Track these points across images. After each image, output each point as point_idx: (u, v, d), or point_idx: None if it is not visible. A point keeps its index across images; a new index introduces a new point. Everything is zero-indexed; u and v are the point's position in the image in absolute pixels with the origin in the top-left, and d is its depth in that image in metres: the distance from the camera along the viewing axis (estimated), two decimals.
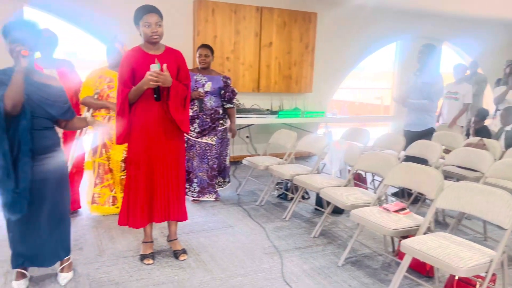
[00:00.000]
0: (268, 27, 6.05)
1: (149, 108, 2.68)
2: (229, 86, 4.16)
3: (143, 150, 2.72)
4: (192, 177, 4.09)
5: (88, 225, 3.53)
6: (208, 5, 5.59)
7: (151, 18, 2.58)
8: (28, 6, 4.91)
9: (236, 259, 2.98)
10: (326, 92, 6.95)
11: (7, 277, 2.61)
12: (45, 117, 2.34)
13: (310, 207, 4.21)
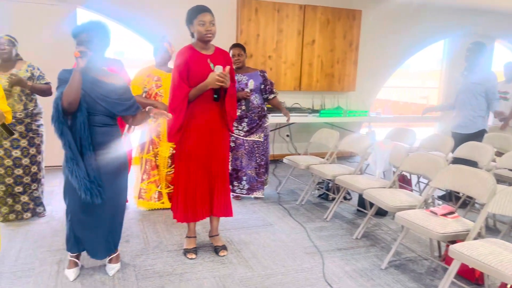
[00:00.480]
0: (311, 25, 6.00)
1: (204, 107, 2.75)
2: (267, 78, 4.18)
3: (196, 148, 2.79)
4: (241, 175, 4.15)
5: (134, 219, 3.66)
6: (251, 4, 5.63)
7: (206, 17, 2.64)
8: (81, 7, 5.14)
9: (277, 258, 2.99)
10: (369, 91, 6.81)
11: (59, 265, 2.75)
12: (104, 114, 2.44)
13: (352, 208, 4.15)
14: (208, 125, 2.78)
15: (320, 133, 4.63)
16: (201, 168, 2.82)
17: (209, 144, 2.81)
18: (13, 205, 3.44)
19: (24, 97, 3.36)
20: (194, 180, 2.82)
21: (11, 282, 2.52)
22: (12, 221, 3.44)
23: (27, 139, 3.39)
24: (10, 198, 3.41)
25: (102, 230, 2.57)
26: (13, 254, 2.89)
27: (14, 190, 3.40)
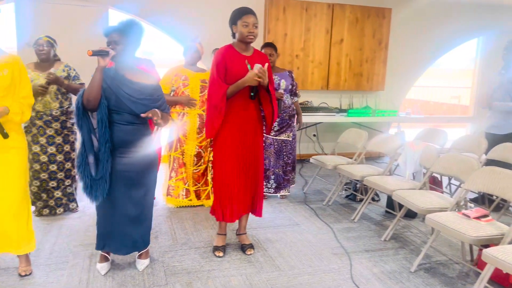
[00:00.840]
0: (339, 23, 5.94)
1: (240, 106, 2.78)
2: (294, 79, 4.20)
3: (232, 147, 2.81)
4: (269, 174, 4.17)
5: (163, 216, 3.72)
6: (279, 3, 5.62)
7: (250, 19, 2.67)
8: (113, 8, 5.27)
9: (304, 257, 2.98)
10: (399, 90, 6.68)
11: (91, 259, 2.84)
12: (129, 112, 2.46)
13: (380, 209, 4.08)
14: (244, 124, 2.81)
15: (348, 133, 4.58)
16: (236, 167, 2.84)
17: (244, 143, 2.83)
18: (47, 200, 3.56)
19: (60, 95, 3.47)
20: (230, 178, 2.84)
21: (46, 274, 2.61)
22: (46, 216, 3.56)
23: (62, 136, 3.51)
24: (44, 193, 3.54)
25: (128, 227, 2.60)
26: (48, 247, 3.00)
27: (49, 185, 3.52)
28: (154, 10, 5.33)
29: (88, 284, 2.52)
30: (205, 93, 3.81)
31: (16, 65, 2.41)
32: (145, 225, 2.70)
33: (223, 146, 2.83)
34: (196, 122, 3.83)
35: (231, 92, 2.70)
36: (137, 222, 2.63)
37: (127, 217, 2.58)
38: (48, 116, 3.41)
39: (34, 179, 3.47)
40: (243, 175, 2.87)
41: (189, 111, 3.81)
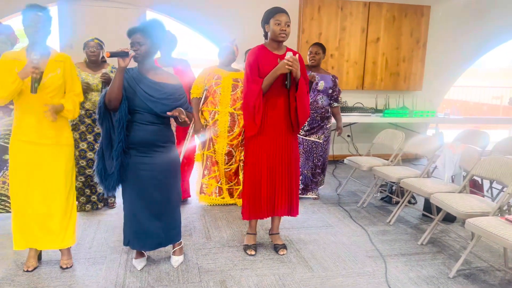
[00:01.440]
0: (375, 22, 5.83)
1: (272, 105, 2.77)
2: (337, 85, 4.15)
3: (264, 146, 2.81)
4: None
5: (196, 213, 3.78)
6: (314, 3, 5.58)
7: (282, 18, 2.68)
8: (151, 10, 5.39)
9: (338, 259, 2.94)
10: (437, 90, 6.48)
11: (128, 254, 2.91)
12: (150, 112, 2.48)
13: (417, 212, 3.97)
14: (275, 123, 2.80)
15: (384, 133, 4.49)
16: (267, 166, 2.84)
17: (276, 142, 2.83)
18: (90, 196, 3.70)
19: None
20: (258, 178, 2.84)
21: (85, 268, 2.70)
22: (87, 211, 3.69)
23: (93, 134, 3.62)
24: (88, 189, 3.68)
25: (151, 224, 2.63)
26: (87, 242, 3.10)
27: (93, 181, 3.65)
28: (189, 11, 5.42)
29: (125, 278, 2.59)
30: (237, 91, 3.83)
31: (67, 64, 2.53)
32: (169, 222, 2.71)
33: (253, 145, 2.85)
34: (227, 121, 3.86)
35: (266, 85, 2.70)
36: (160, 219, 2.65)
37: (150, 214, 2.62)
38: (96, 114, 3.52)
39: (79, 175, 3.62)
40: (273, 174, 2.86)
41: (220, 109, 3.85)
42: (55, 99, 2.48)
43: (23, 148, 2.46)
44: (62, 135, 2.54)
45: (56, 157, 2.52)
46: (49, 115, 2.39)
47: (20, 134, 2.45)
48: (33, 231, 2.55)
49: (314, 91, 4.05)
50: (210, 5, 5.47)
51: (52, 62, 2.46)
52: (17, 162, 2.47)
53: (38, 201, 2.51)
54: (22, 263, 2.70)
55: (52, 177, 2.52)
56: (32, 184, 2.48)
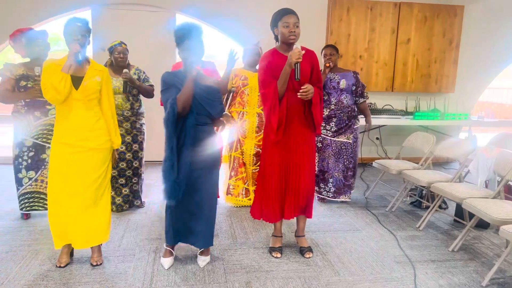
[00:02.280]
0: (406, 23, 5.71)
1: (290, 106, 2.76)
2: (359, 80, 4.09)
3: (279, 146, 2.81)
4: (328, 177, 4.09)
5: (223, 214, 3.80)
6: (343, 4, 5.52)
7: (290, 19, 2.66)
8: (180, 13, 5.48)
9: (365, 264, 2.89)
10: (470, 92, 6.28)
11: (156, 253, 2.96)
12: (205, 114, 2.61)
13: (448, 218, 3.86)
14: (289, 124, 2.78)
15: (414, 136, 4.38)
16: (281, 166, 2.83)
17: (295, 143, 2.81)
18: (114, 197, 3.73)
19: (131, 97, 3.67)
20: (269, 178, 2.84)
21: (115, 266, 2.77)
22: (113, 212, 3.76)
23: (131, 135, 3.71)
24: (113, 190, 3.70)
25: (200, 223, 2.71)
26: (116, 240, 3.18)
27: (118, 182, 3.73)
28: (217, 14, 5.48)
29: (153, 277, 2.64)
30: None
31: (105, 74, 2.68)
32: (210, 223, 2.77)
33: (267, 144, 2.85)
34: (255, 121, 3.88)
35: (280, 85, 2.69)
36: (204, 219, 2.72)
37: (199, 213, 2.69)
38: (120, 116, 3.61)
39: None
40: (286, 175, 2.84)
41: (248, 110, 3.86)
42: (92, 102, 2.60)
43: (63, 150, 2.56)
44: (101, 139, 2.63)
45: (94, 160, 2.61)
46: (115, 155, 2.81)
47: (61, 137, 2.56)
48: (69, 231, 2.63)
49: (337, 91, 4.00)
50: (237, 7, 5.51)
51: (91, 70, 2.60)
52: (57, 163, 2.57)
53: (75, 202, 2.59)
54: (55, 259, 2.79)
55: (90, 179, 2.60)
56: (70, 185, 2.57)
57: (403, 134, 4.91)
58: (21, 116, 3.34)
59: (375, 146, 6.21)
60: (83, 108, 2.56)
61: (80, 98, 2.53)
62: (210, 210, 2.75)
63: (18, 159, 3.37)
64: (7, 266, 2.71)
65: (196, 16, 5.46)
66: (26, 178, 3.39)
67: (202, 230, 2.74)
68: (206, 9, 5.44)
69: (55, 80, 2.41)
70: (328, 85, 3.99)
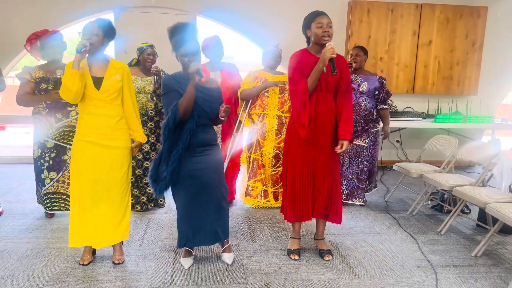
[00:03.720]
0: (428, 24, 5.64)
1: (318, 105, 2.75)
2: (384, 86, 4.04)
3: (306, 144, 2.80)
4: (341, 179, 4.07)
5: (242, 215, 3.82)
6: (363, 6, 5.49)
7: (324, 20, 2.67)
8: (201, 16, 5.54)
9: (385, 268, 2.86)
10: (494, 95, 6.16)
11: (176, 253, 3.00)
12: (205, 116, 2.64)
13: (470, 222, 3.79)
14: (316, 125, 2.77)
15: (435, 139, 4.32)
16: (307, 168, 2.82)
17: (320, 144, 2.80)
18: (139, 197, 3.82)
19: (155, 97, 3.73)
20: (299, 179, 2.84)
21: (136, 264, 2.81)
22: (138, 211, 3.83)
23: (155, 135, 3.76)
24: (137, 189, 3.80)
25: (205, 223, 2.74)
26: (137, 239, 3.22)
27: (142, 182, 3.79)
28: (236, 16, 5.51)
29: (173, 276, 2.67)
30: (284, 94, 3.85)
31: (125, 71, 2.71)
32: (223, 215, 2.81)
33: (293, 143, 2.84)
34: (274, 124, 3.88)
35: (311, 82, 2.68)
36: (213, 215, 2.75)
37: (205, 212, 2.72)
38: (144, 116, 3.67)
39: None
40: (311, 176, 2.83)
41: (268, 112, 3.87)
42: (114, 102, 2.64)
43: (84, 148, 2.61)
44: (121, 138, 2.68)
45: (116, 159, 2.66)
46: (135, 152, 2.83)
47: (82, 135, 2.62)
48: (90, 230, 2.68)
49: (355, 93, 3.97)
50: (256, 10, 5.53)
51: (111, 69, 2.64)
52: (78, 161, 2.63)
53: (96, 199, 2.64)
54: (78, 257, 2.85)
55: (112, 178, 2.65)
56: (91, 182, 2.62)
57: (424, 137, 4.84)
58: (42, 118, 3.40)
59: (395, 149, 6.14)
60: (105, 107, 2.61)
61: (102, 98, 2.58)
62: (222, 206, 2.78)
63: (40, 160, 3.44)
64: (32, 263, 2.78)
65: (216, 18, 5.52)
66: (48, 179, 3.46)
67: (213, 226, 2.76)
68: (225, 12, 5.48)
69: (65, 77, 2.47)
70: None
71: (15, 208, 3.85)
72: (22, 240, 3.14)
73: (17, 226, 3.43)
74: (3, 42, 5.19)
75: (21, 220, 3.56)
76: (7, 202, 4.00)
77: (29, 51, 3.45)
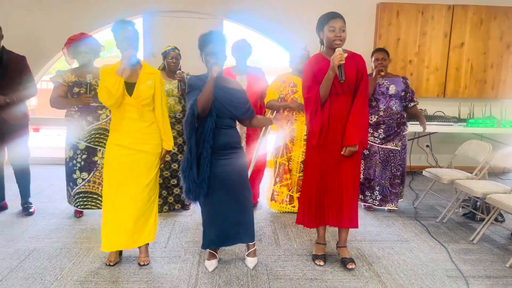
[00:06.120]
0: (460, 26, 5.48)
1: (332, 111, 2.70)
2: (409, 86, 3.97)
3: (321, 151, 2.76)
4: (374, 184, 3.99)
5: (266, 220, 3.79)
6: (392, 7, 5.38)
7: (337, 23, 2.60)
8: (227, 19, 5.57)
9: (414, 277, 2.77)
10: None
11: (201, 256, 3.00)
12: (229, 117, 2.63)
13: (505, 231, 3.63)
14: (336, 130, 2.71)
15: (468, 144, 4.17)
16: (322, 173, 2.77)
17: (335, 150, 2.73)
18: (167, 197, 3.88)
19: (183, 100, 3.77)
20: (309, 184, 2.80)
21: (161, 266, 2.83)
22: (165, 212, 3.87)
23: (182, 137, 3.80)
24: (165, 190, 3.86)
25: (230, 225, 2.74)
26: (163, 241, 3.25)
27: (170, 183, 3.83)
28: (262, 19, 5.52)
29: (197, 279, 2.67)
30: None
31: (157, 77, 2.74)
32: (247, 218, 2.80)
33: (309, 149, 2.81)
34: (303, 129, 3.83)
35: (323, 90, 2.63)
36: (241, 217, 2.75)
37: (231, 213, 2.72)
38: (172, 118, 3.72)
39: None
40: (326, 181, 2.78)
41: (297, 117, 3.84)
42: (146, 107, 2.67)
43: (116, 151, 2.66)
44: (152, 142, 2.71)
45: (147, 163, 2.70)
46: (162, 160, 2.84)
47: (114, 138, 2.67)
48: (121, 233, 2.72)
49: (385, 97, 3.88)
50: (282, 13, 5.52)
51: (143, 74, 2.67)
52: (111, 163, 2.68)
53: (125, 202, 2.68)
54: (105, 257, 2.90)
55: (143, 182, 2.68)
56: (123, 185, 2.67)
57: (455, 142, 4.69)
58: (74, 121, 3.49)
59: (425, 154, 5.98)
60: (136, 113, 2.64)
61: (134, 104, 2.62)
62: (243, 211, 2.76)
63: (72, 161, 3.54)
64: (61, 262, 2.85)
65: (242, 22, 5.53)
66: (80, 179, 3.55)
67: (238, 229, 2.76)
68: (252, 15, 5.49)
69: (109, 83, 2.50)
70: (376, 90, 3.89)
71: (46, 208, 3.96)
72: (52, 240, 3.22)
73: (48, 225, 3.52)
74: (36, 47, 5.37)
75: (51, 220, 3.66)
76: (38, 202, 4.11)
77: (65, 55, 3.56)
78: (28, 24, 5.41)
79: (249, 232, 2.82)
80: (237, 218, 2.75)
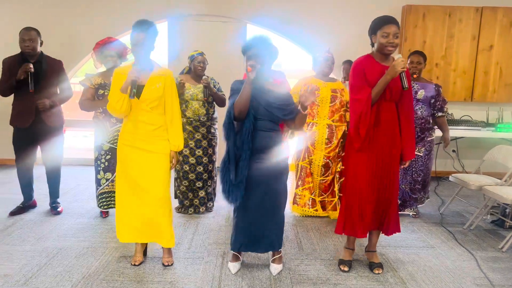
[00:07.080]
0: (489, 28, 5.35)
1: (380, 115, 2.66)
2: (440, 94, 3.87)
3: (369, 159, 2.70)
4: None
5: (288, 223, 3.78)
6: (418, 10, 5.30)
7: (391, 29, 2.55)
8: (251, 23, 5.60)
9: (440, 284, 2.71)
10: None
11: (223, 257, 3.01)
12: (269, 119, 2.60)
13: None
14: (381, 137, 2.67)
15: (497, 150, 4.05)
16: (370, 180, 2.71)
17: (379, 158, 2.69)
18: (193, 199, 3.93)
19: (207, 103, 3.81)
20: (362, 192, 2.72)
21: (184, 267, 2.86)
22: (190, 214, 3.91)
23: (207, 140, 3.84)
24: (191, 192, 3.91)
25: (263, 230, 2.72)
26: (186, 242, 3.28)
27: (195, 185, 3.88)
28: (286, 23, 5.52)
29: (221, 281, 2.68)
30: (335, 103, 3.78)
31: (168, 78, 2.72)
32: (279, 224, 2.78)
33: (351, 154, 2.75)
34: (324, 133, 3.81)
35: (376, 93, 2.58)
36: (274, 223, 2.74)
37: (266, 219, 2.70)
38: (196, 122, 3.77)
39: (183, 179, 3.86)
40: (377, 189, 2.73)
41: (318, 121, 3.82)
42: (155, 110, 2.67)
43: (126, 151, 2.71)
44: (157, 143, 2.71)
45: (153, 163, 2.70)
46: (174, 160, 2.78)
47: (124, 139, 2.72)
48: (134, 226, 2.76)
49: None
50: (306, 16, 5.51)
51: (153, 78, 2.65)
52: (122, 162, 2.73)
53: (137, 199, 2.72)
54: (130, 257, 2.94)
55: (148, 179, 2.70)
56: (131, 183, 2.71)
57: (482, 147, 4.58)
58: (99, 122, 3.58)
59: (451, 159, 5.84)
60: (145, 115, 2.64)
61: (142, 107, 2.62)
62: (275, 217, 2.74)
63: (97, 161, 3.63)
64: (88, 261, 2.91)
65: (266, 25, 5.55)
66: (104, 179, 3.63)
67: (269, 234, 2.74)
68: (275, 19, 5.50)
69: (113, 100, 2.55)
70: None
71: (73, 208, 4.05)
72: (79, 239, 3.30)
73: (75, 225, 3.60)
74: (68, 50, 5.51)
75: (78, 219, 3.74)
76: (66, 202, 4.21)
77: (93, 59, 3.65)
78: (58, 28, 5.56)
79: (278, 240, 2.80)
80: (269, 224, 2.73)
